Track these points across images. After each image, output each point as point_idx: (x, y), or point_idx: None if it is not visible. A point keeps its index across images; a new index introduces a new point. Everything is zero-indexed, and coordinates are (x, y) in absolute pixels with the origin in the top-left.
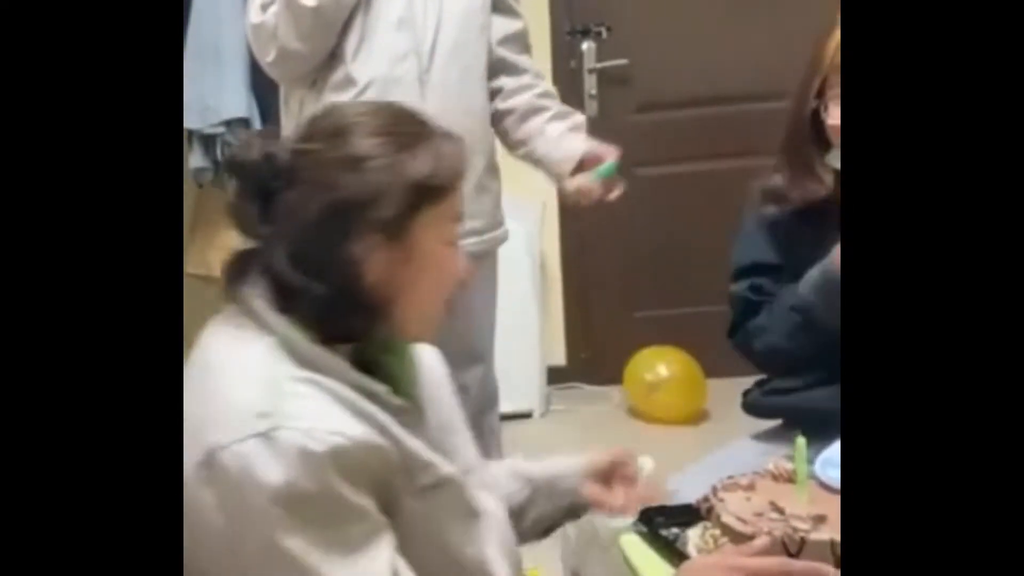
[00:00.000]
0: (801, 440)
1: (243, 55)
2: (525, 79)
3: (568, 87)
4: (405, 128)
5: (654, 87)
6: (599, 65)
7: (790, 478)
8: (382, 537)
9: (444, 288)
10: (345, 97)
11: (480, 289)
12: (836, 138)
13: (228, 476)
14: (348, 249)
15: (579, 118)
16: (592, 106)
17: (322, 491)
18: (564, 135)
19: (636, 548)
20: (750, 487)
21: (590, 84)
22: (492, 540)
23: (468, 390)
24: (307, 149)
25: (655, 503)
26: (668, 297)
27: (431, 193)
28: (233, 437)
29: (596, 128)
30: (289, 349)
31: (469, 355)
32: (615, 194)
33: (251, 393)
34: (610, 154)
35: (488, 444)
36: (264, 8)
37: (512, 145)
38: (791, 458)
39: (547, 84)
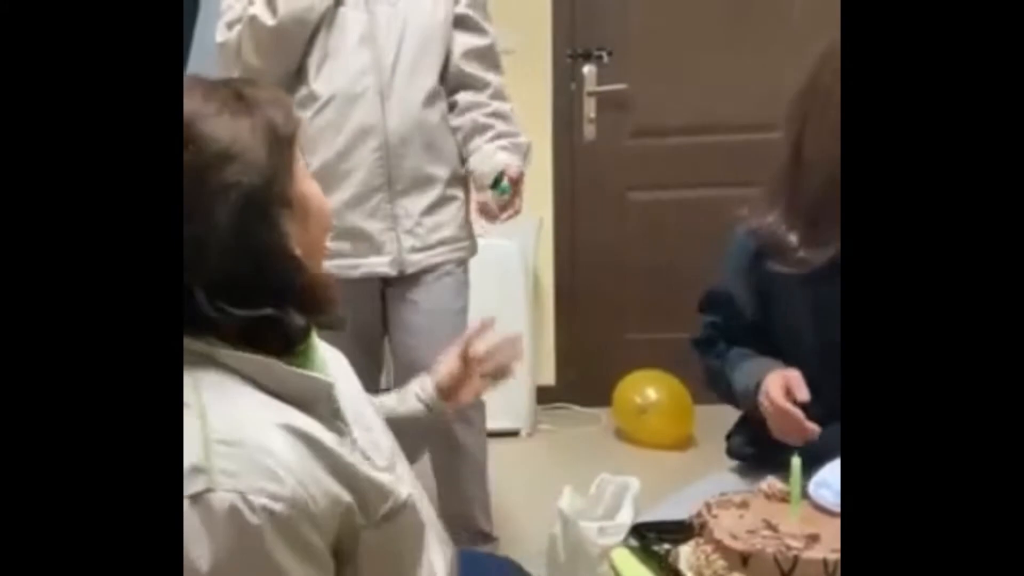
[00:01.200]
0: (796, 460)
1: None
2: (481, 96)
3: (567, 109)
4: (224, 95)
5: (651, 113)
6: (598, 89)
7: (783, 497)
8: None
9: (329, 220)
10: (307, 113)
11: (449, 303)
12: None
13: None
14: (273, 237)
15: (520, 139)
16: (590, 129)
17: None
18: (497, 152)
19: (628, 563)
20: (743, 504)
21: (589, 107)
22: (431, 534)
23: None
24: None
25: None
26: (659, 321)
27: (291, 140)
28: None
29: (593, 151)
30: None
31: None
32: (505, 216)
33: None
34: (511, 174)
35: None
36: (230, 27)
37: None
38: (784, 478)
39: (501, 103)
